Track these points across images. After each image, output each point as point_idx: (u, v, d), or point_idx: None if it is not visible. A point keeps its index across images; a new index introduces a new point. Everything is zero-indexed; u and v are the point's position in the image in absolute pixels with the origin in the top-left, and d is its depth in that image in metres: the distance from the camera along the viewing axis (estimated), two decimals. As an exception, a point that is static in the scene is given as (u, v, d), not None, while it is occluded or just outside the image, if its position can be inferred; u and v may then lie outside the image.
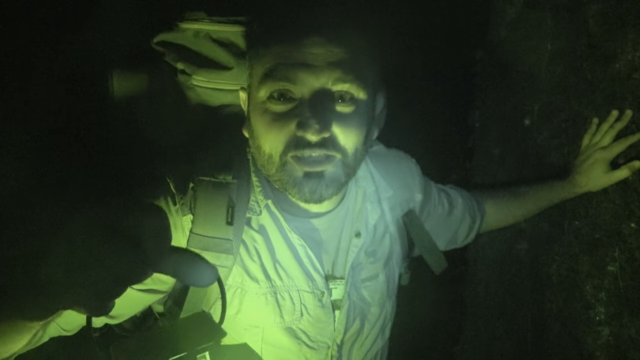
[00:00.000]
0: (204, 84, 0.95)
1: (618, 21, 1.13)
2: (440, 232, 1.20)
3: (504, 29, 1.58)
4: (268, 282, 0.89)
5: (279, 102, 0.79)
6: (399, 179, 1.07)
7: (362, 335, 0.99)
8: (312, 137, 0.76)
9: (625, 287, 1.10)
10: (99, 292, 0.43)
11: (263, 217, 0.90)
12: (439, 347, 1.98)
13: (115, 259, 0.43)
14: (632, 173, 1.11)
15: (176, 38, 0.95)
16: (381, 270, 1.01)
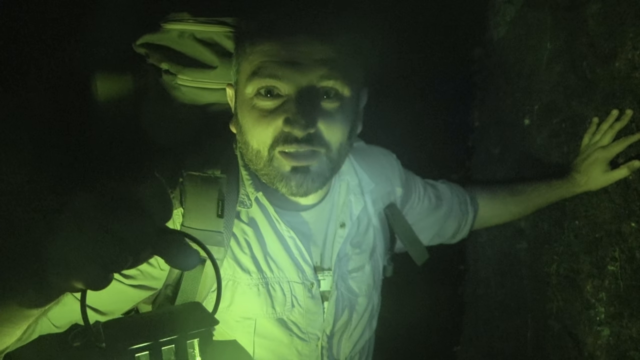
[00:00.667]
0: (189, 83, 0.97)
1: (617, 20, 1.13)
2: (425, 225, 1.21)
3: (504, 28, 1.58)
4: (259, 273, 0.91)
5: (266, 98, 0.82)
6: (380, 173, 1.10)
7: (350, 326, 1.02)
8: (298, 132, 0.79)
9: (625, 287, 1.09)
10: (107, 262, 0.44)
11: (253, 210, 0.92)
12: (439, 347, 1.98)
13: (122, 226, 0.44)
14: (631, 172, 1.11)
15: (160, 39, 0.97)
16: (367, 262, 1.04)
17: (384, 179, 1.10)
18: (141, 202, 0.46)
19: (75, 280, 0.44)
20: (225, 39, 0.97)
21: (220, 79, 0.96)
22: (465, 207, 1.26)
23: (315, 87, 0.81)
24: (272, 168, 0.84)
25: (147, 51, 0.97)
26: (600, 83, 1.19)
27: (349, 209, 1.02)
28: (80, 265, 0.44)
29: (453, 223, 1.25)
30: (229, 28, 0.96)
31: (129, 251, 0.45)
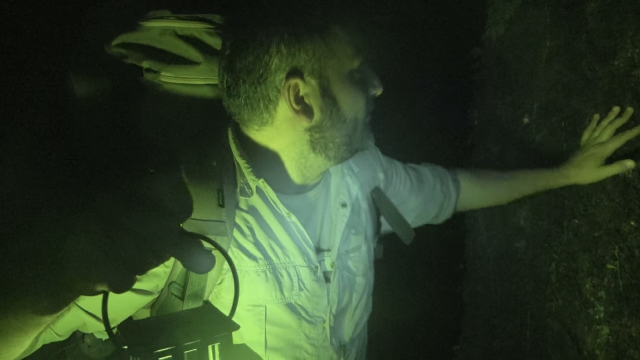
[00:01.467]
0: (172, 80, 0.96)
1: (617, 18, 1.13)
2: (407, 207, 1.24)
3: (503, 27, 1.57)
4: (266, 259, 0.93)
5: (360, 72, 0.93)
6: (362, 160, 1.15)
7: (351, 307, 1.05)
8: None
9: (625, 286, 1.09)
10: (131, 264, 0.43)
11: (253, 198, 0.94)
12: (438, 346, 1.98)
13: (146, 226, 0.43)
14: (622, 170, 1.11)
15: (139, 38, 0.97)
16: (363, 242, 1.08)
17: (366, 165, 1.15)
18: (162, 202, 0.45)
19: (98, 283, 0.44)
20: (207, 35, 0.97)
21: (204, 75, 0.96)
22: (447, 188, 1.29)
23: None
24: (366, 130, 0.96)
25: (125, 51, 0.96)
26: (599, 81, 1.19)
27: (347, 190, 1.06)
28: (104, 266, 0.43)
29: (435, 204, 1.28)
30: (210, 25, 0.97)
31: (152, 252, 0.44)
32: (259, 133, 0.94)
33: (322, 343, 0.99)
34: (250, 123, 0.93)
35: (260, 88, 0.88)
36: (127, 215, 0.43)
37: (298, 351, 0.96)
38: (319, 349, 0.98)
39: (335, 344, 1.01)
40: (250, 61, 0.86)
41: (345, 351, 1.03)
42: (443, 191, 1.29)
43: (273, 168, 0.96)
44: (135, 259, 0.43)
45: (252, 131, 0.95)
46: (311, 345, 0.97)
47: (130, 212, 0.43)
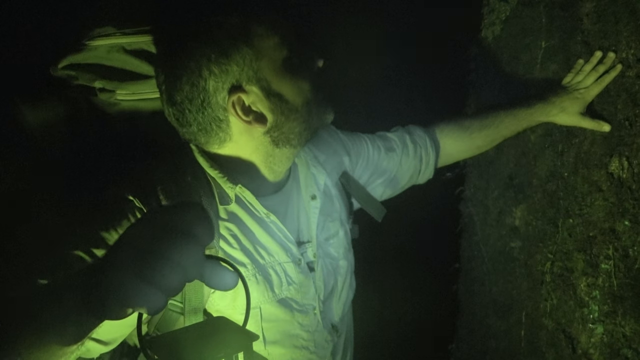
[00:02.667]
0: (129, 97, 0.97)
1: (612, 19, 1.13)
2: (378, 179, 1.26)
3: (498, 26, 1.58)
4: (253, 263, 0.94)
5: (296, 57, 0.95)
6: (327, 147, 1.17)
7: (337, 289, 1.09)
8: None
9: (619, 285, 1.10)
10: (167, 288, 0.47)
11: (232, 206, 0.95)
12: (433, 345, 1.99)
13: (178, 252, 0.47)
14: (598, 128, 1.16)
15: (87, 57, 0.96)
16: (339, 227, 1.12)
17: (331, 152, 1.17)
18: (191, 229, 0.49)
19: (136, 306, 0.47)
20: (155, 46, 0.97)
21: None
22: (424, 150, 1.29)
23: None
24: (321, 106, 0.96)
25: (73, 72, 0.95)
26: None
27: (314, 181, 1.08)
28: (142, 291, 0.46)
29: (407, 170, 1.29)
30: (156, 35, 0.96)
31: (185, 276, 0.48)
32: (220, 149, 0.95)
33: (316, 328, 1.03)
34: (209, 144, 0.94)
35: (207, 112, 0.89)
36: (163, 244, 0.48)
37: (295, 339, 0.99)
38: (314, 333, 1.02)
39: (327, 326, 1.06)
40: (187, 90, 0.87)
41: (337, 330, 1.08)
42: (417, 154, 1.28)
43: (246, 173, 0.97)
44: (171, 283, 0.47)
45: (214, 149, 0.96)
46: (306, 331, 1.01)
47: (166, 241, 0.48)
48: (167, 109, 0.92)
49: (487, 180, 1.65)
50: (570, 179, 1.26)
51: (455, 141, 1.34)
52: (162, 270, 0.47)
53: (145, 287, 0.46)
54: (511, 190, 1.50)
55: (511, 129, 1.31)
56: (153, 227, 0.49)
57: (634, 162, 1.08)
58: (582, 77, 1.21)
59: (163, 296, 0.47)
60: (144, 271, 0.46)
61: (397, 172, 1.28)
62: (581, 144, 1.23)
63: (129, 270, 0.47)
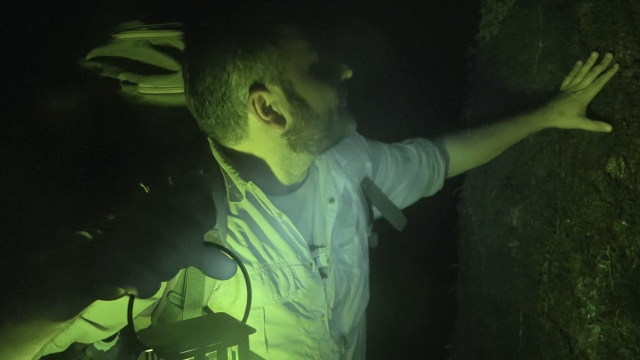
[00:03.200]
0: (151, 91, 0.97)
1: (609, 19, 1.13)
2: (397, 189, 1.26)
3: (496, 27, 1.58)
4: (260, 262, 0.93)
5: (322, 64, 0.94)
6: (349, 151, 1.15)
7: (349, 298, 1.06)
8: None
9: (616, 285, 1.10)
10: (161, 270, 0.45)
11: (243, 202, 0.94)
12: (431, 345, 1.99)
13: (176, 234, 0.45)
14: (599, 129, 1.15)
15: (113, 51, 0.97)
16: (354, 234, 1.09)
17: (353, 156, 1.15)
18: (193, 213, 0.47)
19: (127, 287, 0.45)
20: (181, 42, 0.97)
21: (182, 83, 0.96)
22: (435, 160, 1.30)
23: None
24: (343, 117, 0.95)
25: (100, 64, 0.96)
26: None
27: (333, 185, 1.06)
28: (135, 272, 0.44)
29: (423, 180, 1.30)
30: (184, 31, 0.97)
31: (181, 259, 0.46)
32: (237, 146, 0.95)
33: (322, 336, 1.00)
34: (226, 139, 0.94)
35: (226, 106, 0.89)
36: (161, 225, 0.45)
37: (299, 346, 0.97)
38: (320, 342, 0.99)
39: (335, 336, 1.02)
40: (209, 82, 0.87)
41: (346, 342, 1.04)
42: (430, 165, 1.30)
43: (259, 172, 0.96)
44: (165, 266, 0.45)
45: (230, 145, 0.95)
46: (311, 339, 0.98)
47: (164, 222, 0.46)
48: (188, 99, 0.92)
49: (484, 181, 1.65)
50: (567, 179, 1.26)
51: (461, 152, 1.35)
52: (158, 252, 0.45)
53: (138, 268, 0.44)
54: (509, 191, 1.50)
55: (513, 135, 1.32)
56: (153, 207, 0.47)
57: (631, 163, 1.09)
58: (579, 79, 1.21)
59: (156, 279, 0.45)
60: (138, 251, 0.44)
61: (415, 181, 1.28)
62: (578, 144, 1.23)
63: (123, 248, 0.45)
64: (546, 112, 1.25)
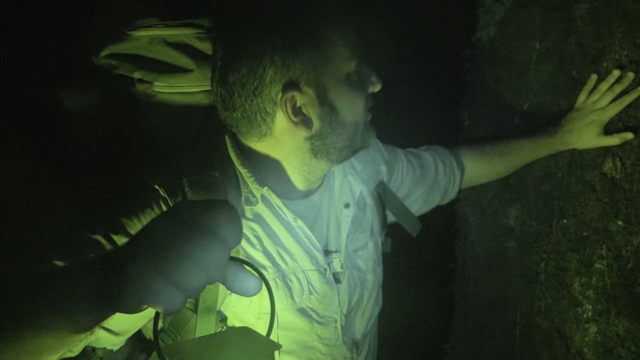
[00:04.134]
0: (166, 90, 0.95)
1: (605, 21, 1.14)
2: (412, 196, 1.25)
3: (493, 28, 1.58)
4: (275, 267, 0.92)
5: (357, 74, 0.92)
6: (365, 155, 1.13)
7: (362, 304, 1.05)
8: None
9: (612, 285, 1.11)
10: (187, 288, 0.45)
11: (258, 207, 0.92)
12: (429, 345, 1.99)
13: (203, 253, 0.45)
14: (622, 141, 1.10)
15: (128, 48, 0.95)
16: (369, 239, 1.08)
17: (369, 160, 1.14)
18: (219, 230, 0.47)
19: (152, 303, 0.45)
20: (197, 40, 0.95)
21: (198, 82, 0.95)
22: (451, 170, 1.29)
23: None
24: (367, 129, 0.95)
25: (114, 62, 0.95)
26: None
27: (349, 190, 1.05)
28: (160, 288, 0.44)
29: (439, 189, 1.29)
30: (200, 29, 0.95)
31: (207, 278, 0.46)
32: (258, 144, 0.92)
33: (335, 342, 0.98)
34: (249, 135, 0.91)
35: (256, 101, 0.85)
36: (188, 241, 0.45)
37: (312, 352, 0.95)
38: (332, 348, 0.98)
39: (347, 342, 1.01)
40: (244, 74, 0.84)
41: (358, 347, 1.03)
42: (447, 174, 1.28)
43: (276, 176, 0.94)
44: (191, 283, 0.45)
45: (252, 142, 0.93)
46: (324, 345, 0.97)
47: (191, 239, 0.45)
48: (216, 88, 0.88)
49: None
50: (564, 179, 1.27)
51: (477, 165, 1.33)
52: (184, 270, 0.44)
53: (164, 285, 0.44)
54: (506, 191, 1.51)
55: (531, 156, 1.29)
56: (179, 223, 0.47)
57: (627, 163, 1.09)
58: (597, 96, 1.15)
59: (182, 296, 0.45)
60: (165, 268, 0.44)
61: (432, 190, 1.27)
62: (575, 144, 1.24)
63: (149, 265, 0.45)
64: (565, 136, 1.21)
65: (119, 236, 0.77)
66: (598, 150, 1.17)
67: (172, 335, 0.88)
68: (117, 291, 0.47)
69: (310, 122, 0.88)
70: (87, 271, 0.52)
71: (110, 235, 0.77)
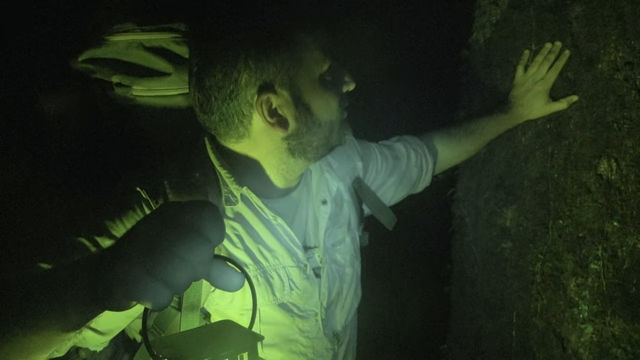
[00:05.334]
0: (144, 93, 0.97)
1: (600, 23, 1.15)
2: (387, 187, 1.28)
3: (489, 29, 1.59)
4: (256, 264, 0.94)
5: (329, 74, 0.94)
6: (341, 152, 1.16)
7: (342, 297, 1.08)
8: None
9: (608, 285, 1.11)
10: (174, 284, 0.47)
11: (238, 206, 0.94)
12: (425, 346, 1.99)
13: (189, 250, 0.47)
14: (569, 104, 1.23)
15: (106, 52, 0.97)
16: (346, 234, 1.11)
17: (345, 157, 1.17)
18: (204, 229, 0.49)
19: (141, 300, 0.47)
20: (174, 44, 0.97)
21: (175, 85, 0.97)
22: (423, 157, 1.34)
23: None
24: (342, 127, 0.96)
25: (92, 66, 0.96)
26: (583, 84, 1.21)
27: (326, 187, 1.08)
28: (150, 286, 0.46)
29: (411, 177, 1.33)
30: (177, 34, 0.97)
31: (193, 274, 0.48)
32: (237, 145, 0.95)
33: (316, 335, 1.01)
34: (227, 137, 0.94)
35: (232, 104, 0.88)
36: (174, 241, 0.47)
37: (293, 344, 0.98)
38: (314, 340, 1.01)
39: (328, 334, 1.04)
40: (219, 78, 0.86)
41: (339, 339, 1.07)
42: (418, 163, 1.33)
43: (255, 175, 0.97)
44: (178, 280, 0.47)
45: (230, 143, 0.95)
46: (305, 337, 1.00)
47: (177, 238, 0.47)
48: (193, 92, 0.91)
49: (478, 182, 1.66)
50: (560, 180, 1.27)
51: (447, 148, 1.39)
52: (171, 267, 0.46)
53: (152, 282, 0.46)
54: (502, 192, 1.51)
55: (493, 132, 1.38)
56: (165, 223, 0.49)
57: (622, 164, 1.10)
58: (535, 68, 1.27)
59: (169, 293, 0.47)
60: (153, 266, 0.46)
61: (403, 178, 1.30)
62: (571, 146, 1.24)
63: (138, 263, 0.46)
64: (518, 110, 1.32)
65: (102, 238, 0.79)
66: (593, 151, 1.17)
67: (156, 333, 0.90)
68: (107, 289, 0.48)
69: (286, 123, 0.91)
70: (76, 271, 0.54)
71: (94, 237, 0.79)
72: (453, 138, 1.39)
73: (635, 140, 1.07)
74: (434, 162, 1.37)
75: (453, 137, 1.39)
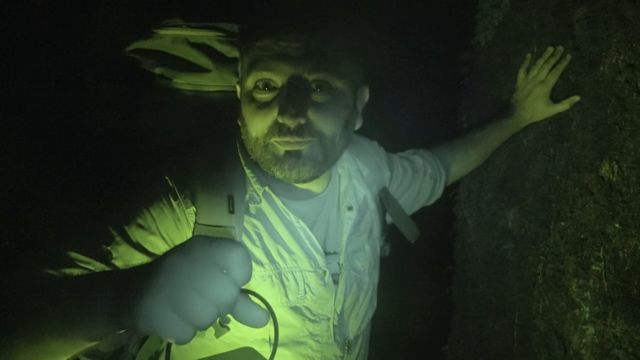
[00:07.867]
0: (185, 87, 1.00)
1: (602, 25, 1.15)
2: (407, 198, 1.29)
3: (491, 32, 1.59)
4: (272, 264, 0.93)
5: (263, 91, 0.85)
6: (371, 161, 1.17)
7: (357, 305, 1.07)
8: (289, 121, 0.82)
9: (609, 287, 1.11)
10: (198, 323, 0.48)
11: (262, 205, 0.95)
12: (427, 346, 2.00)
13: (215, 290, 0.48)
14: (571, 105, 1.23)
15: (153, 45, 0.99)
16: (366, 242, 1.10)
17: (374, 166, 1.17)
18: (229, 269, 0.50)
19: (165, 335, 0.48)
20: (218, 43, 0.99)
21: (215, 82, 0.99)
22: (437, 170, 1.35)
23: (306, 79, 0.83)
24: (268, 153, 0.87)
25: (138, 57, 0.99)
26: (585, 86, 1.21)
27: (353, 193, 1.07)
28: (173, 323, 0.47)
29: (427, 190, 1.34)
30: (221, 32, 0.99)
31: (217, 314, 0.49)
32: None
33: (327, 340, 1.00)
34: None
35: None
36: (202, 280, 0.48)
37: (302, 347, 0.97)
38: (323, 345, 1.00)
39: (339, 341, 1.02)
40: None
41: (349, 348, 1.05)
42: (433, 176, 1.34)
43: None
44: (202, 320, 0.48)
45: None
46: (315, 341, 0.99)
47: (204, 277, 0.48)
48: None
49: (480, 183, 1.66)
50: (561, 182, 1.28)
51: (458, 160, 1.40)
52: (197, 308, 0.47)
53: (176, 320, 0.47)
54: (504, 193, 1.52)
55: (498, 139, 1.39)
56: (193, 259, 0.49)
57: (624, 166, 1.10)
58: (536, 71, 1.29)
59: (193, 330, 0.48)
60: (178, 305, 0.47)
61: (419, 192, 1.32)
62: (572, 147, 1.25)
63: (163, 299, 0.47)
64: (520, 114, 1.33)
65: (129, 227, 0.80)
66: (595, 153, 1.18)
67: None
68: (132, 322, 0.50)
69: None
70: (104, 292, 0.55)
71: (123, 227, 0.80)
72: (460, 149, 1.40)
73: (636, 142, 1.07)
74: (447, 174, 1.38)
75: (460, 148, 1.40)
